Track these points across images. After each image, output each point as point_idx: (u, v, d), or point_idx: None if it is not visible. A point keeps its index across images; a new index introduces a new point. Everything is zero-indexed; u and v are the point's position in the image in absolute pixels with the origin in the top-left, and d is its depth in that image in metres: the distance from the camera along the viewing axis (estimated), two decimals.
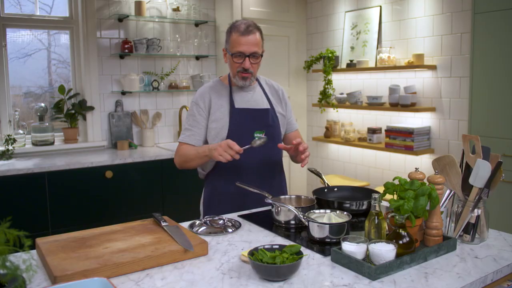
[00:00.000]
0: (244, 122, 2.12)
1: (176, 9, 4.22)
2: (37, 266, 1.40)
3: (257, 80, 2.29)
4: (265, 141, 1.99)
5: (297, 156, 2.10)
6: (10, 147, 3.50)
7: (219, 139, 2.11)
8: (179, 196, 3.73)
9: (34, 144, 3.74)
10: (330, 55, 4.33)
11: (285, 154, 2.37)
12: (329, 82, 4.39)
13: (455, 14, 3.50)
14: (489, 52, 3.07)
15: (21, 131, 3.73)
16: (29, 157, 3.58)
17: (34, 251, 1.55)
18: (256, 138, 2.00)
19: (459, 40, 3.49)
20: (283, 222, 1.81)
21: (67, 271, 1.29)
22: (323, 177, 2.28)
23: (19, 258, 1.32)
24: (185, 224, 1.83)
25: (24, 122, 3.84)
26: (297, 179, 4.97)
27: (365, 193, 2.10)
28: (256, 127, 2.14)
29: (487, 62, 3.09)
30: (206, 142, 2.19)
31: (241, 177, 2.12)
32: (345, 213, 1.69)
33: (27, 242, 1.08)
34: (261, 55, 2.13)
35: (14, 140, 3.54)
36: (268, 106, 2.22)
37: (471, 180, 1.63)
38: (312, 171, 2.36)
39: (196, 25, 4.44)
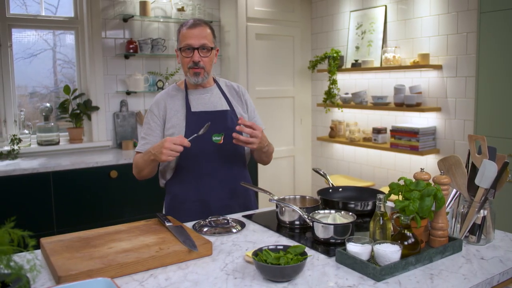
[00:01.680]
0: (202, 125, 1.98)
1: (181, 9, 4.22)
2: (41, 266, 1.40)
3: (216, 81, 2.20)
4: (209, 125, 1.93)
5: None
6: (16, 147, 3.52)
7: None
8: None
9: (40, 144, 3.75)
10: (335, 55, 4.32)
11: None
12: (334, 82, 4.38)
13: (461, 14, 3.48)
14: (495, 51, 3.05)
15: (26, 131, 3.75)
16: (34, 157, 3.59)
17: (38, 251, 1.55)
18: (201, 128, 1.92)
19: (465, 39, 3.47)
20: (287, 222, 1.80)
21: (71, 271, 1.29)
22: (328, 177, 2.27)
23: (23, 258, 1.32)
24: (189, 224, 1.83)
25: (30, 122, 3.86)
26: (302, 179, 4.97)
27: (370, 193, 2.09)
28: (214, 130, 2.03)
29: (493, 62, 3.07)
30: None
31: (202, 183, 2.06)
32: (350, 213, 1.68)
33: (31, 242, 1.08)
34: (212, 49, 2.05)
35: (20, 140, 3.56)
36: (227, 108, 2.12)
37: (477, 181, 1.62)
38: (317, 171, 2.36)
39: None
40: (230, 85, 2.24)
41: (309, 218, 1.67)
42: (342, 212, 1.71)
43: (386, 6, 4.04)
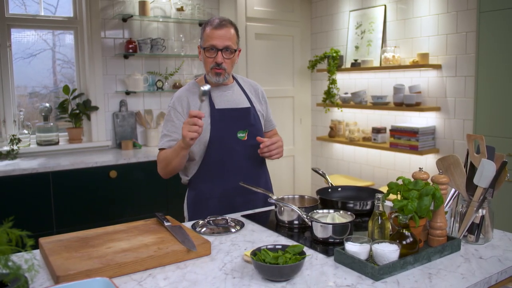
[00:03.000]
0: (226, 122, 2.04)
1: (180, 9, 4.22)
2: (39, 266, 1.40)
3: (235, 79, 2.23)
4: (210, 89, 1.90)
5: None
6: (15, 147, 3.52)
7: (201, 143, 2.04)
8: (183, 196, 3.73)
9: (39, 144, 3.75)
10: (334, 54, 4.32)
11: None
12: (333, 81, 4.38)
13: (460, 13, 3.48)
14: (495, 51, 3.05)
15: (26, 131, 3.75)
16: (33, 157, 3.59)
17: (37, 251, 1.55)
18: (199, 93, 1.85)
19: (464, 39, 3.47)
20: (286, 222, 1.80)
21: (69, 271, 1.29)
22: (327, 177, 2.27)
23: (21, 258, 1.32)
24: (188, 224, 1.83)
25: (29, 122, 3.86)
26: (302, 179, 4.97)
27: (369, 193, 2.09)
28: (239, 127, 2.09)
29: (492, 61, 3.07)
30: None
31: (227, 178, 2.08)
32: (348, 213, 1.68)
33: (29, 242, 1.08)
34: (235, 51, 2.07)
35: (19, 140, 3.56)
36: (248, 105, 2.16)
37: (475, 180, 1.62)
38: (316, 171, 2.36)
39: (200, 24, 4.44)
40: (249, 82, 2.28)
41: (308, 217, 1.67)
42: (341, 212, 1.71)
43: (385, 5, 4.04)
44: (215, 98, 2.11)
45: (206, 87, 1.84)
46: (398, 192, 1.54)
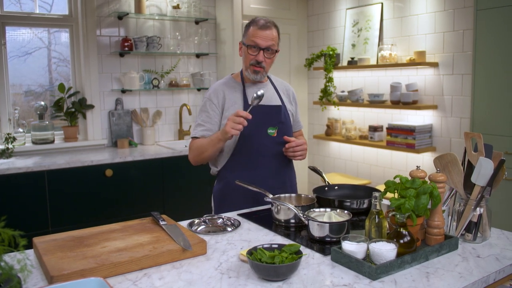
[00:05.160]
0: (258, 118, 2.11)
1: (176, 7, 4.20)
2: (32, 266, 1.38)
3: (269, 77, 2.34)
4: (262, 96, 2.01)
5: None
6: (10, 146, 3.49)
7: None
8: (179, 195, 3.72)
9: (34, 142, 3.73)
10: (331, 52, 4.31)
11: None
12: (330, 79, 4.36)
13: (457, 11, 3.47)
14: (492, 49, 3.04)
15: (21, 130, 3.72)
16: (29, 156, 3.57)
17: (31, 251, 1.53)
18: (253, 97, 2.00)
19: (461, 37, 3.47)
20: (283, 221, 1.79)
21: (64, 271, 1.27)
22: (324, 175, 2.27)
23: (14, 258, 1.31)
24: (185, 223, 1.82)
25: (24, 121, 3.83)
26: (299, 177, 4.93)
27: (366, 191, 2.08)
28: (269, 124, 2.18)
29: (489, 59, 3.06)
30: None
31: (255, 171, 2.16)
32: (345, 211, 1.68)
33: (22, 241, 1.07)
34: (276, 52, 2.18)
35: (14, 139, 3.53)
36: (280, 103, 2.26)
37: (473, 178, 1.61)
38: (312, 169, 2.35)
39: (197, 22, 4.42)
40: (281, 82, 2.40)
41: (305, 216, 1.66)
42: (338, 211, 1.70)
43: (382, 3, 4.03)
44: (249, 94, 2.21)
45: (260, 92, 1.99)
46: (395, 191, 1.53)
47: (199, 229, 1.74)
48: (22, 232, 1.09)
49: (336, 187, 2.15)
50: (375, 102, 3.96)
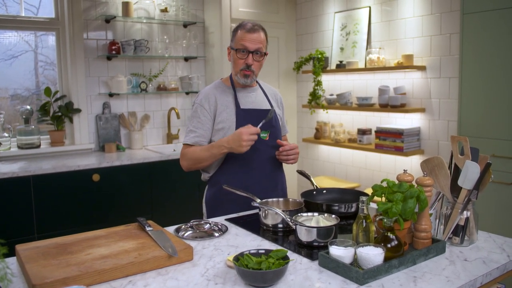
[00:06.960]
0: (250, 122, 2.11)
1: (164, 10, 4.18)
2: (12, 275, 1.35)
3: (257, 82, 2.35)
4: (273, 112, 2.14)
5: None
6: None
7: None
8: (168, 199, 3.69)
9: (20, 147, 3.68)
10: (319, 56, 4.31)
11: None
12: (318, 83, 4.37)
13: (444, 15, 3.49)
14: (478, 52, 3.06)
15: (6, 134, 3.67)
16: (14, 161, 3.52)
17: (13, 258, 1.50)
18: (272, 110, 2.15)
19: (448, 40, 3.49)
20: (270, 225, 1.78)
21: (46, 279, 1.25)
22: (312, 179, 2.26)
23: None
24: (171, 229, 1.80)
25: (10, 125, 3.78)
26: (288, 181, 4.92)
27: (354, 195, 2.08)
28: (262, 128, 2.16)
29: (476, 63, 3.08)
30: (210, 143, 2.19)
31: (248, 175, 2.17)
32: (333, 216, 1.67)
33: (2, 249, 1.05)
34: (265, 54, 2.19)
35: None
36: (270, 107, 2.28)
37: (460, 182, 1.61)
38: (300, 173, 2.34)
39: (185, 26, 4.41)
40: (269, 87, 2.41)
41: (292, 221, 1.65)
42: (326, 215, 1.69)
43: (370, 7, 4.04)
44: (240, 99, 2.22)
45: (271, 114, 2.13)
46: (383, 195, 1.53)
47: (185, 234, 1.72)
48: (3, 240, 1.07)
49: (324, 191, 2.14)
50: (364, 105, 3.97)
